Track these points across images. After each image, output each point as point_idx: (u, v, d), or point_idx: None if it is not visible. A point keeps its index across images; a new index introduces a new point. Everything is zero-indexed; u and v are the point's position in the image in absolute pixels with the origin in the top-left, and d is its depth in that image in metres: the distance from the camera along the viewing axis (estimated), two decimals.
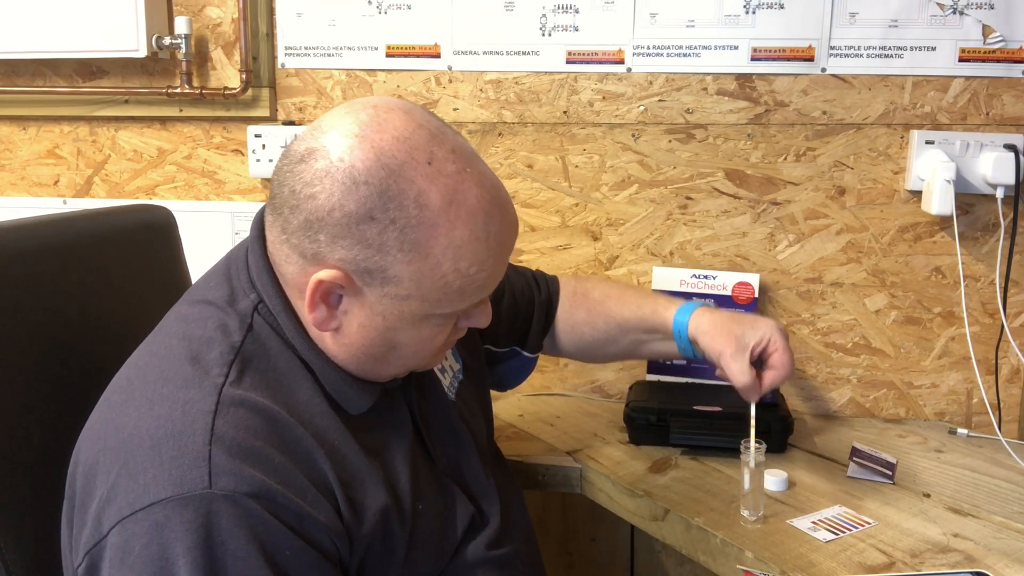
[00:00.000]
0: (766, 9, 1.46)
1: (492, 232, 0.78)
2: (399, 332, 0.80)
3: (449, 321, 0.83)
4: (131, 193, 1.68)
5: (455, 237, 0.75)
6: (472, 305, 0.82)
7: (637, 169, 1.54)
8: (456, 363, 1.05)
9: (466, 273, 0.77)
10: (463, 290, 0.78)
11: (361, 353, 0.81)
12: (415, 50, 1.55)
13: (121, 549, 0.68)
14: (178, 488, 0.68)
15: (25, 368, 0.88)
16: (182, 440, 0.71)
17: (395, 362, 0.84)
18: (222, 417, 0.72)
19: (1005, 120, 1.45)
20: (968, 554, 1.03)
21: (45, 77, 1.66)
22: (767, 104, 1.49)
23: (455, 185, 0.75)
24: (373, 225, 0.74)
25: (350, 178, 0.73)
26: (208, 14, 1.59)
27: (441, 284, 0.77)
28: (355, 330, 0.80)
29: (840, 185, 1.50)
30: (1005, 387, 1.50)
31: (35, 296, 0.92)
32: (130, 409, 0.75)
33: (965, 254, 1.47)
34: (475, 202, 0.76)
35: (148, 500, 0.68)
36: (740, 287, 1.51)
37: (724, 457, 1.29)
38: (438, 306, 0.79)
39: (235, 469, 0.70)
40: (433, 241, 0.75)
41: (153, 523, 0.68)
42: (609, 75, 1.52)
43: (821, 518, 1.12)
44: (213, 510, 0.68)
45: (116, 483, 0.71)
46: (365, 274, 0.76)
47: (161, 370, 0.77)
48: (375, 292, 0.77)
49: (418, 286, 0.77)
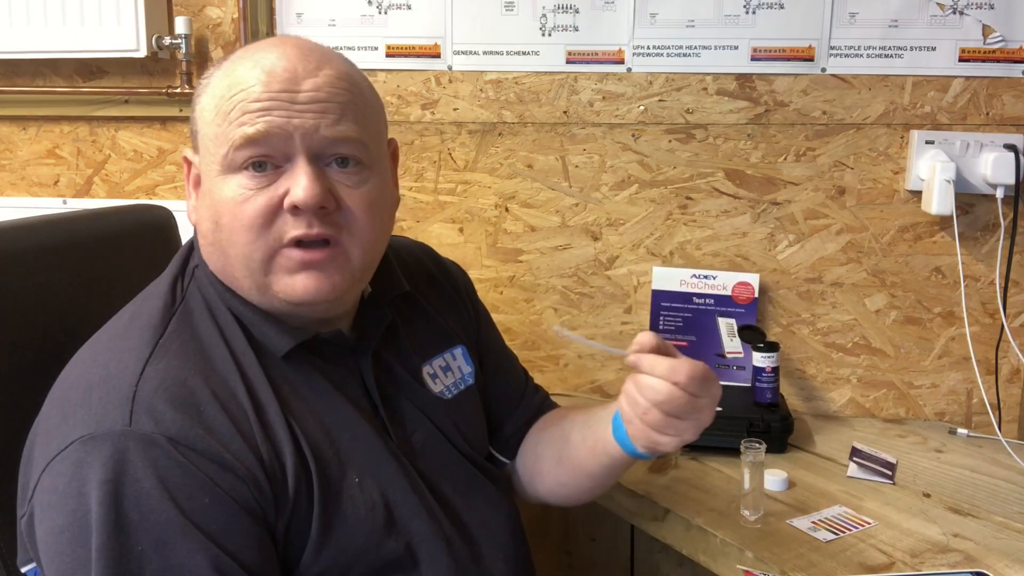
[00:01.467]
0: (766, 9, 1.46)
1: (274, 63, 0.78)
2: (213, 196, 0.80)
3: (257, 184, 0.78)
4: (131, 193, 1.68)
5: (236, 66, 0.80)
6: (248, 146, 0.77)
7: (637, 169, 1.54)
8: (467, 366, 1.02)
9: (238, 97, 0.77)
10: (229, 116, 0.78)
11: (211, 242, 0.82)
12: (415, 50, 1.55)
13: (48, 491, 0.71)
14: (98, 426, 0.71)
15: (25, 368, 0.88)
16: (112, 383, 0.73)
17: (229, 250, 0.79)
18: (155, 363, 0.75)
19: (1005, 120, 1.45)
20: (968, 554, 1.03)
21: (45, 77, 1.66)
22: (767, 104, 1.49)
23: (260, 45, 0.83)
24: (201, 82, 0.84)
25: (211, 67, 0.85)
26: (208, 14, 1.59)
27: (214, 115, 0.79)
28: (202, 211, 0.82)
29: (840, 185, 1.50)
30: (1005, 387, 1.50)
31: (35, 296, 0.92)
32: (77, 365, 0.79)
33: (965, 254, 1.47)
34: (268, 47, 0.81)
35: (71, 439, 0.71)
36: (740, 287, 1.51)
37: (724, 457, 1.29)
38: (219, 144, 0.78)
39: (158, 411, 0.71)
40: (219, 74, 0.82)
41: (74, 461, 0.70)
42: (609, 75, 1.52)
43: (821, 518, 1.12)
44: (128, 446, 0.69)
45: (50, 428, 0.74)
46: (195, 137, 0.83)
47: (110, 330, 0.82)
48: (202, 157, 0.82)
49: (209, 121, 0.80)
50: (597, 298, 1.58)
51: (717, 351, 1.52)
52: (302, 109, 0.77)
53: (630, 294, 1.57)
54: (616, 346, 1.59)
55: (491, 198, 1.57)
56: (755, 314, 1.51)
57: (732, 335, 1.51)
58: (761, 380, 1.38)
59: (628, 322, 1.58)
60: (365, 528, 0.81)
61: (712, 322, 1.52)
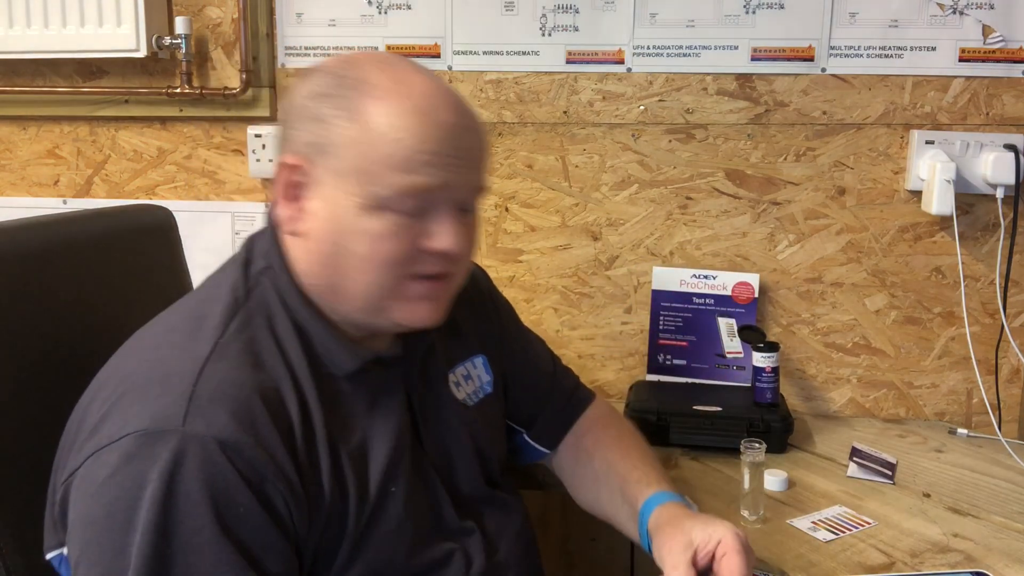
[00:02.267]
0: (766, 9, 1.46)
1: (437, 113, 0.79)
2: (349, 223, 0.79)
3: (407, 223, 0.80)
4: (131, 193, 1.68)
5: (394, 106, 0.78)
6: (414, 194, 0.79)
7: (637, 169, 1.54)
8: (487, 375, 1.03)
9: (403, 140, 0.77)
10: (400, 163, 0.78)
11: (324, 261, 0.81)
12: (415, 50, 1.55)
13: (89, 479, 0.71)
14: (153, 422, 0.71)
15: (25, 368, 0.88)
16: (170, 380, 0.74)
17: (353, 276, 0.81)
18: (213, 363, 0.75)
19: (1005, 120, 1.45)
20: (968, 554, 1.03)
21: (45, 77, 1.66)
22: (767, 104, 1.49)
23: (404, 76, 0.81)
24: (325, 102, 0.80)
25: (313, 74, 0.83)
26: (208, 14, 1.59)
27: (378, 153, 0.78)
28: (317, 227, 0.81)
29: (840, 185, 1.50)
30: (1005, 387, 1.50)
31: (35, 296, 0.92)
32: (133, 355, 0.80)
33: (965, 254, 1.47)
34: (421, 87, 0.80)
35: (124, 432, 0.71)
36: (740, 287, 1.51)
37: (724, 457, 1.29)
38: (378, 182, 0.78)
39: (211, 413, 0.72)
40: (373, 107, 0.78)
41: (124, 453, 0.70)
42: (609, 75, 1.52)
43: (821, 518, 1.12)
44: (180, 448, 0.70)
45: (104, 417, 0.74)
46: (318, 152, 0.80)
47: (168, 322, 0.83)
48: (327, 174, 0.79)
49: (359, 153, 0.78)
50: (597, 298, 1.58)
51: (717, 351, 1.52)
52: (460, 165, 0.81)
53: (630, 294, 1.57)
54: (616, 346, 1.59)
55: (491, 198, 1.57)
56: (755, 314, 1.51)
57: (732, 335, 1.51)
58: (761, 380, 1.38)
59: (628, 322, 1.58)
60: (396, 542, 0.83)
61: (712, 322, 1.52)
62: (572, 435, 1.11)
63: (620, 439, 1.08)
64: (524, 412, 1.10)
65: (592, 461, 1.06)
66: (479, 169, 0.84)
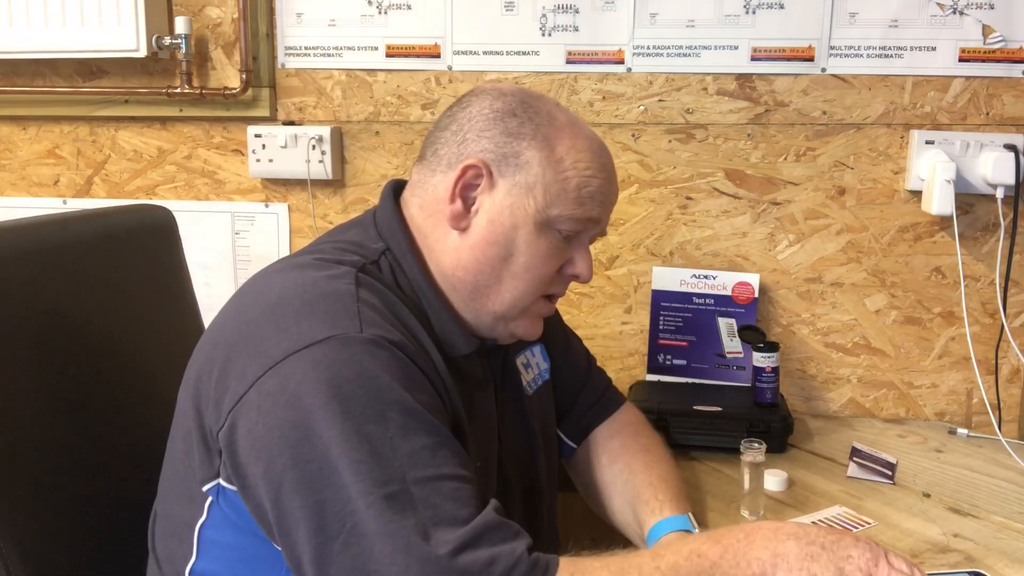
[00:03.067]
0: (766, 9, 1.46)
1: (603, 155, 0.91)
2: (520, 233, 0.87)
3: (562, 246, 0.89)
4: (131, 193, 1.68)
5: (576, 143, 0.89)
6: (583, 222, 0.89)
7: (637, 169, 1.54)
8: (544, 362, 1.08)
9: (583, 173, 0.88)
10: (579, 192, 0.88)
11: (481, 260, 0.88)
12: (415, 50, 1.55)
13: (274, 392, 0.73)
14: (336, 330, 0.75)
15: (25, 368, 0.88)
16: (331, 300, 0.78)
17: (507, 282, 0.89)
18: (363, 290, 0.81)
19: (1005, 120, 1.45)
20: (968, 554, 1.03)
21: (45, 77, 1.66)
22: (767, 104, 1.49)
23: (576, 121, 0.92)
24: (514, 119, 0.89)
25: (498, 92, 0.91)
26: (208, 14, 1.59)
27: (561, 178, 0.87)
28: (483, 227, 0.88)
29: (840, 185, 1.50)
30: (1005, 387, 1.50)
31: (35, 296, 0.92)
32: (270, 288, 0.82)
33: (965, 254, 1.47)
34: (590, 133, 0.92)
35: (306, 342, 0.74)
36: (740, 287, 1.51)
37: (724, 457, 1.29)
38: (556, 204, 0.87)
39: (381, 324, 0.78)
40: (558, 140, 0.89)
41: (312, 361, 0.73)
42: (609, 75, 1.52)
43: (821, 518, 1.12)
44: (368, 350, 0.75)
45: (265, 338, 0.76)
46: (502, 161, 0.88)
47: (296, 264, 0.85)
48: (507, 182, 0.88)
49: (543, 174, 0.87)
50: (597, 298, 1.58)
51: (717, 351, 1.52)
52: (609, 206, 0.93)
53: (630, 294, 1.57)
54: (616, 346, 1.59)
55: None
56: (755, 314, 1.51)
57: (732, 335, 1.51)
58: (761, 380, 1.38)
59: (628, 322, 1.58)
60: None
61: (712, 322, 1.52)
62: (598, 434, 1.12)
63: (649, 449, 1.09)
64: (559, 406, 1.12)
65: (614, 464, 1.07)
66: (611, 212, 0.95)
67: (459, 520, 0.70)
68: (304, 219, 1.63)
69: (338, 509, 0.70)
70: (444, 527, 0.69)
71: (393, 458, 0.71)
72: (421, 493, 0.70)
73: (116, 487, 0.95)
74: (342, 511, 0.69)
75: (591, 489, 1.10)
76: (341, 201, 1.61)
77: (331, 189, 1.61)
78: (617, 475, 1.06)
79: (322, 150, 1.56)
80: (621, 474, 1.06)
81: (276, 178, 1.62)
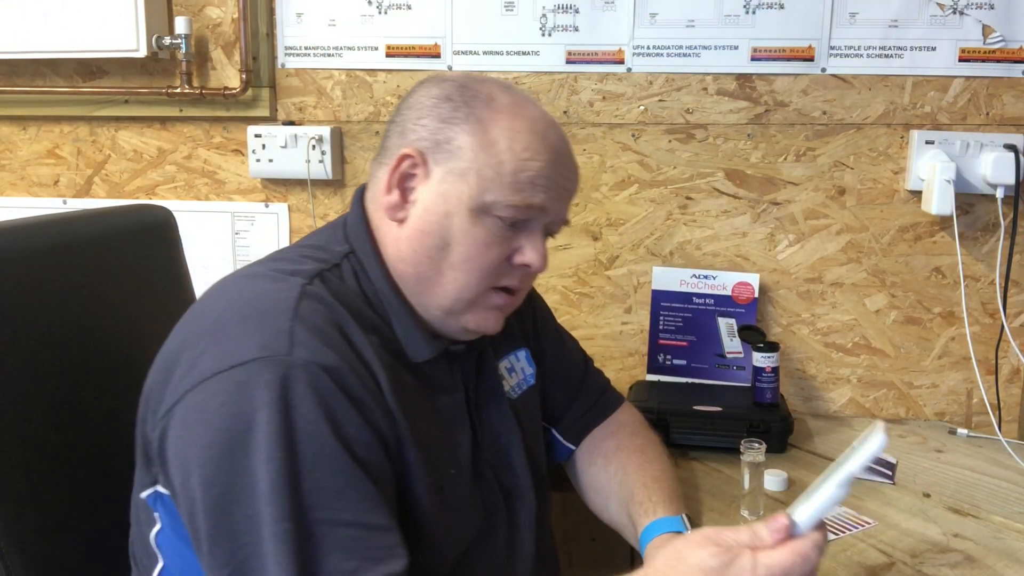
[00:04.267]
0: (766, 9, 1.46)
1: (549, 137, 0.86)
2: (454, 221, 0.84)
3: (506, 234, 0.86)
4: (131, 193, 1.68)
5: (514, 124, 0.85)
6: (522, 209, 0.85)
7: (637, 169, 1.54)
8: (529, 367, 1.06)
9: (520, 157, 0.84)
10: (515, 176, 0.84)
11: (419, 250, 0.85)
12: (415, 50, 1.55)
13: (197, 408, 0.74)
14: (262, 351, 0.74)
15: (25, 368, 0.88)
16: (268, 317, 0.77)
17: (448, 274, 0.85)
18: (305, 304, 0.79)
19: (1005, 120, 1.45)
20: (968, 554, 1.03)
21: (45, 77, 1.66)
22: (767, 104, 1.49)
23: (521, 101, 0.88)
24: (448, 104, 0.86)
25: (439, 79, 0.90)
26: (208, 14, 1.59)
27: (495, 162, 0.84)
28: (418, 216, 0.86)
29: (840, 185, 1.50)
30: (1005, 387, 1.50)
31: (35, 296, 0.92)
32: (218, 299, 0.82)
33: (965, 254, 1.47)
34: (536, 113, 0.88)
35: (232, 362, 0.74)
36: (740, 287, 1.51)
37: (724, 457, 1.29)
38: (491, 190, 0.84)
39: (313, 344, 0.76)
40: (494, 122, 0.85)
41: (235, 382, 0.73)
42: (609, 75, 1.52)
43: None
44: (291, 375, 0.73)
45: (202, 352, 0.76)
46: (436, 149, 0.85)
47: (249, 275, 0.85)
48: (441, 170, 0.85)
49: (475, 159, 0.84)
50: (597, 298, 1.58)
51: (717, 351, 1.52)
52: (562, 195, 0.89)
53: (630, 294, 1.57)
54: (616, 346, 1.59)
55: None
56: (755, 314, 1.51)
57: (732, 335, 1.51)
58: (761, 380, 1.38)
59: (628, 322, 1.58)
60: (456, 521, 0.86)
61: (712, 322, 1.52)
62: (595, 435, 1.12)
63: (644, 450, 1.09)
64: (554, 408, 1.12)
65: (609, 465, 1.07)
66: (569, 202, 0.91)
67: (341, 572, 0.70)
68: (304, 219, 1.63)
69: (235, 538, 0.70)
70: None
71: (296, 494, 0.70)
72: (317, 533, 0.70)
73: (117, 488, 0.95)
74: (238, 541, 0.70)
75: (588, 490, 1.09)
76: (341, 201, 1.61)
77: (331, 189, 1.61)
78: (612, 476, 1.06)
79: (322, 150, 1.56)
80: (616, 475, 1.06)
81: (276, 178, 1.62)
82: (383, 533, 0.73)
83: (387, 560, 0.72)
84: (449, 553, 0.86)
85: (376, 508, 0.74)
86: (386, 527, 0.73)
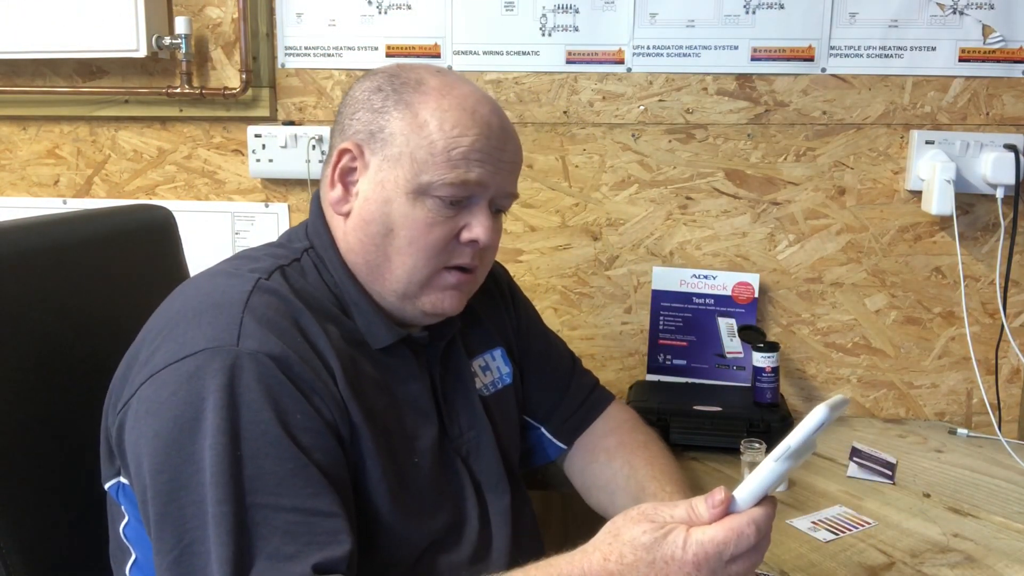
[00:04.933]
0: (766, 9, 1.46)
1: (479, 112, 0.88)
2: (394, 207, 0.86)
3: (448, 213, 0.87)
4: (131, 193, 1.68)
5: (442, 103, 0.87)
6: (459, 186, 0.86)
7: (637, 169, 1.54)
8: (506, 366, 1.07)
9: (450, 135, 0.85)
10: (448, 154, 0.85)
11: (364, 240, 0.88)
12: (415, 50, 1.55)
13: (149, 400, 0.76)
14: (211, 342, 0.76)
15: (25, 368, 0.88)
16: (220, 310, 0.79)
17: (396, 258, 0.87)
18: (257, 296, 0.81)
19: (1005, 120, 1.45)
20: (968, 554, 1.03)
21: (45, 77, 1.66)
22: (767, 104, 1.49)
23: (452, 81, 0.90)
24: (379, 95, 0.89)
25: (373, 73, 0.93)
26: (208, 14, 1.59)
27: (427, 143, 0.85)
28: (360, 207, 0.88)
29: (840, 185, 1.50)
30: (1005, 387, 1.50)
31: (35, 296, 0.92)
32: (179, 296, 0.85)
33: (965, 254, 1.47)
34: (466, 91, 0.89)
35: (183, 354, 0.76)
36: (740, 287, 1.51)
37: (724, 457, 1.29)
38: (426, 170, 0.85)
39: (261, 334, 0.78)
40: (423, 104, 0.87)
41: (184, 373, 0.75)
42: (609, 75, 1.52)
43: (821, 518, 1.12)
44: (238, 363, 0.75)
45: (158, 347, 0.79)
46: (370, 139, 0.88)
47: (212, 272, 0.88)
48: (377, 159, 0.87)
49: (407, 142, 0.86)
50: (597, 298, 1.58)
51: (717, 351, 1.52)
52: (500, 168, 0.89)
53: (630, 294, 1.57)
54: (616, 346, 1.59)
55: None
56: (755, 314, 1.51)
57: (732, 335, 1.51)
58: (761, 380, 1.38)
59: (628, 322, 1.58)
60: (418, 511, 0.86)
61: (712, 322, 1.52)
62: (591, 433, 1.12)
63: (647, 445, 1.09)
64: (542, 407, 1.12)
65: (613, 461, 1.07)
66: (514, 176, 0.92)
67: (280, 556, 0.71)
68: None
69: (182, 523, 0.72)
70: (264, 559, 0.70)
71: (239, 479, 0.72)
72: (258, 518, 0.71)
73: None
74: (185, 525, 0.72)
75: (590, 488, 1.09)
76: None
77: None
78: (617, 472, 1.06)
79: (322, 150, 1.56)
80: (621, 470, 1.05)
81: (276, 178, 1.62)
82: (326, 519, 0.74)
83: (329, 545, 0.73)
84: (416, 540, 0.86)
85: (320, 494, 0.75)
86: (330, 512, 0.74)
